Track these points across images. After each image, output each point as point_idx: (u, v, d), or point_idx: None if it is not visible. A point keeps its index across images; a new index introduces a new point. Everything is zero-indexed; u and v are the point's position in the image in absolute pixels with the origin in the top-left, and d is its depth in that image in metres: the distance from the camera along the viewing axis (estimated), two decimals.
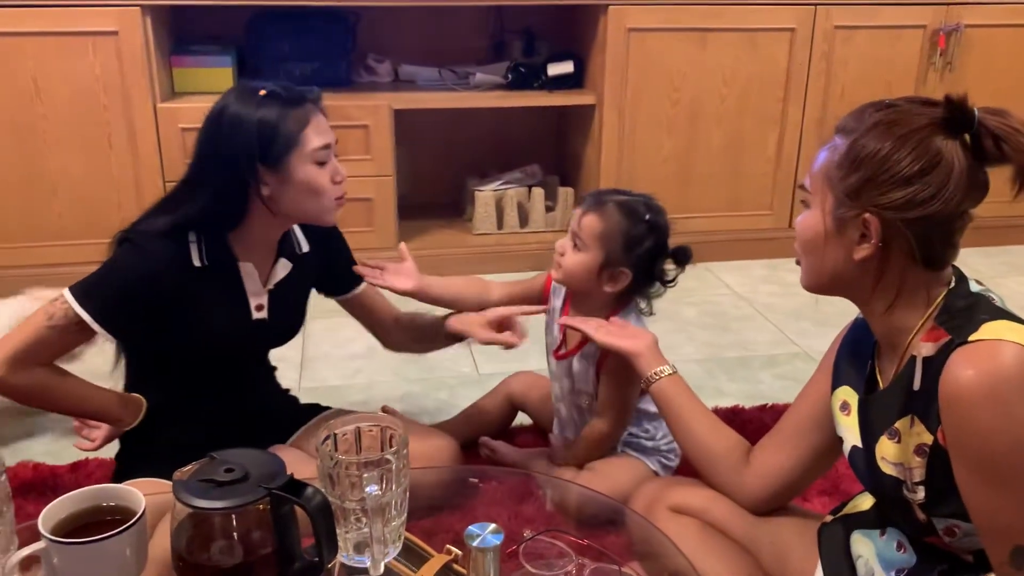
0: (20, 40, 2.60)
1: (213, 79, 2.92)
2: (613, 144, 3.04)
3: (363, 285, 1.71)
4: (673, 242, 1.65)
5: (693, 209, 3.13)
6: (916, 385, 1.06)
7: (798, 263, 1.15)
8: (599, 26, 2.95)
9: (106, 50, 2.65)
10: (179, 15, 2.97)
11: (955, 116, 1.02)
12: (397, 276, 1.67)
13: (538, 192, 3.17)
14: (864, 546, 1.19)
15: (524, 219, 3.20)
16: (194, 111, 2.75)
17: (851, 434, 1.18)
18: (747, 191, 3.19)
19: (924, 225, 1.03)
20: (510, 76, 3.13)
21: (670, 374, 1.44)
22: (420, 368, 2.40)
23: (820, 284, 1.13)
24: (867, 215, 1.04)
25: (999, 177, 1.05)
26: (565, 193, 3.19)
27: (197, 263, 1.44)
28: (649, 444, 1.73)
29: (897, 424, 1.09)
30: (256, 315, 1.54)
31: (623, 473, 1.65)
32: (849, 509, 1.28)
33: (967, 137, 1.03)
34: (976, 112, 1.02)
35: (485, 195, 3.15)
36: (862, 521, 1.22)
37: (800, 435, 1.29)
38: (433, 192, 3.36)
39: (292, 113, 1.40)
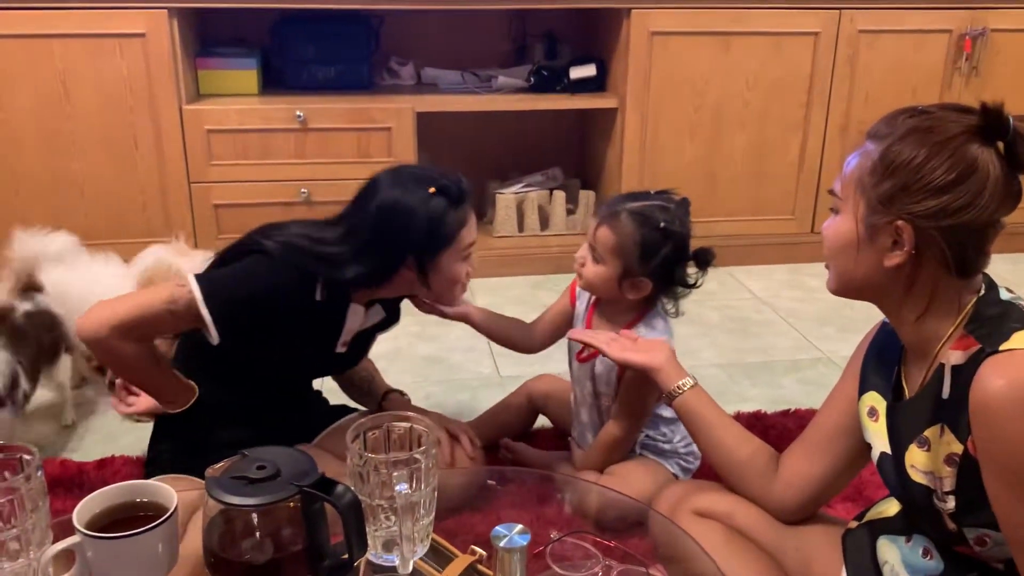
0: (48, 42, 2.64)
1: (238, 81, 2.95)
2: (635, 148, 3.04)
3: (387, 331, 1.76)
4: (695, 243, 1.64)
5: (715, 213, 3.12)
6: (945, 394, 1.05)
7: (827, 267, 1.15)
8: (622, 30, 2.95)
9: (133, 52, 2.68)
10: (205, 18, 3.00)
11: (990, 124, 1.01)
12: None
13: (559, 195, 3.18)
14: (890, 552, 1.18)
15: (545, 222, 3.20)
16: (218, 113, 2.79)
17: (879, 440, 1.17)
18: (770, 196, 3.18)
19: (958, 233, 1.02)
20: (532, 79, 3.13)
21: (692, 386, 1.42)
22: (442, 370, 2.41)
23: (849, 289, 1.13)
24: (900, 222, 1.03)
25: None
26: (586, 196, 3.19)
27: (317, 297, 1.48)
28: (667, 447, 1.73)
29: (927, 432, 1.08)
30: (339, 349, 1.60)
31: (644, 476, 1.65)
32: (874, 515, 1.27)
33: (1001, 145, 1.02)
34: (1011, 120, 1.01)
35: (506, 198, 3.15)
36: (888, 527, 1.21)
37: (829, 442, 1.28)
38: None
39: (456, 212, 1.47)
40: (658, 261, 1.57)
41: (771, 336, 2.66)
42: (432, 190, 1.45)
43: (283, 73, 3.05)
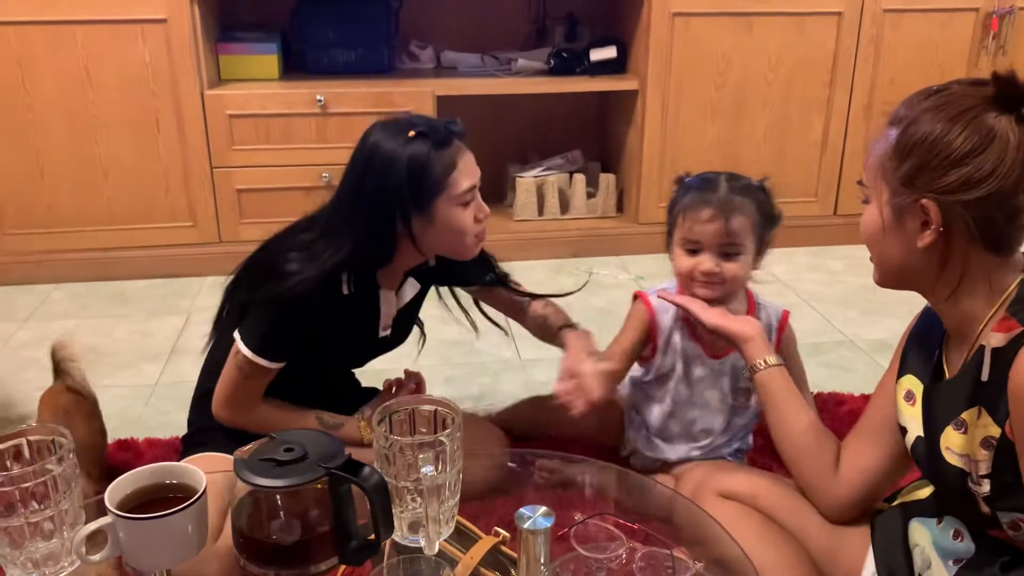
0: (72, 28, 2.65)
1: (258, 66, 2.95)
2: (656, 130, 3.02)
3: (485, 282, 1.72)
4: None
5: None
6: (984, 376, 1.03)
7: (872, 261, 1.14)
8: (643, 10, 2.93)
9: (155, 37, 2.69)
10: (225, 2, 3.01)
11: (1005, 92, 1.00)
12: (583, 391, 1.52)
13: (579, 178, 3.17)
14: (921, 535, 1.18)
15: (565, 205, 3.19)
16: (240, 98, 2.80)
17: (914, 424, 1.16)
18: (792, 178, 3.15)
19: (983, 206, 1.00)
20: (552, 62, 3.12)
21: (777, 364, 1.41)
22: (463, 353, 2.41)
23: (890, 279, 1.12)
24: (924, 201, 1.03)
25: None
26: (607, 179, 3.18)
27: (345, 291, 1.47)
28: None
29: (964, 415, 1.06)
30: (382, 334, 1.59)
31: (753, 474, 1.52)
32: (906, 496, 1.26)
33: (1022, 112, 1.00)
34: None
35: (526, 181, 3.15)
36: (921, 509, 1.20)
37: (878, 435, 1.25)
38: None
39: (441, 155, 1.40)
40: (773, 216, 1.57)
41: (794, 319, 2.60)
42: (412, 134, 1.39)
43: (303, 57, 3.05)
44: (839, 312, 2.69)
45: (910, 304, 1.20)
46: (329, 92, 2.81)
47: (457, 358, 2.39)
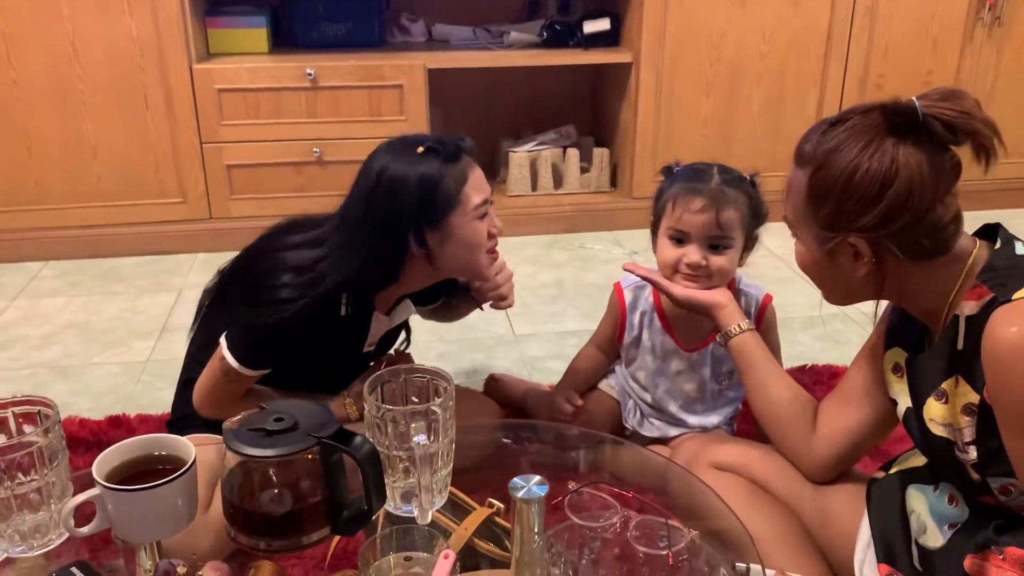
0: (58, 2, 2.61)
1: (247, 40, 2.92)
2: (650, 104, 3.00)
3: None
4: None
5: None
6: (960, 344, 1.04)
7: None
8: None
9: (142, 11, 2.65)
10: None
11: (895, 120, 1.02)
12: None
13: (573, 153, 3.14)
14: (918, 501, 1.18)
15: (559, 180, 3.17)
16: (229, 72, 2.77)
17: (904, 396, 1.17)
18: (787, 152, 3.03)
19: (908, 231, 1.04)
20: (545, 34, 3.08)
21: (749, 329, 1.43)
22: (457, 329, 2.40)
23: (838, 300, 1.17)
24: (851, 239, 1.06)
25: None
26: (600, 154, 3.16)
27: (342, 313, 1.44)
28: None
29: (944, 385, 1.07)
30: (366, 349, 1.57)
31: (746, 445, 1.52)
32: (902, 465, 1.26)
33: (916, 137, 1.02)
34: (919, 107, 1.01)
35: (519, 156, 3.12)
36: (917, 476, 1.20)
37: (861, 395, 1.27)
38: None
39: (452, 170, 1.38)
40: (760, 211, 1.56)
41: (787, 293, 2.63)
42: (420, 150, 1.37)
43: (293, 31, 3.02)
44: None
45: None
46: (319, 66, 2.78)
47: (450, 334, 2.38)
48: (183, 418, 1.58)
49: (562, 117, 3.30)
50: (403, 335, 1.73)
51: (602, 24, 3.04)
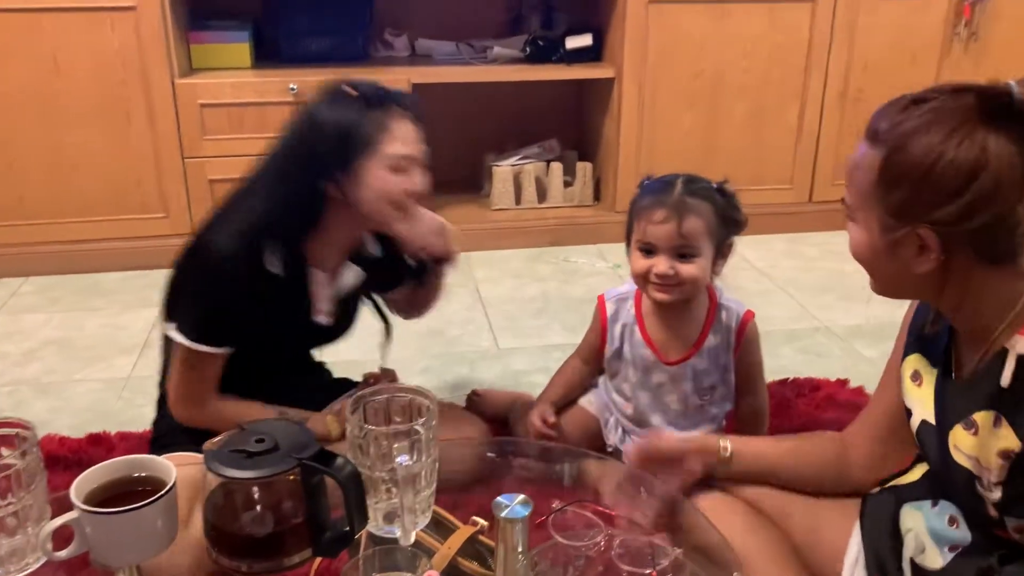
0: (39, 16, 2.60)
1: (230, 55, 2.91)
2: (633, 118, 3.02)
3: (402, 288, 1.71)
4: None
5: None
6: (1005, 381, 0.97)
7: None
8: None
9: (125, 26, 2.64)
10: None
11: (990, 106, 0.93)
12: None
13: (556, 167, 3.15)
14: (914, 519, 1.15)
15: (542, 194, 3.18)
16: (212, 87, 2.76)
17: (922, 407, 1.11)
18: (768, 165, 3.16)
19: (986, 229, 0.95)
20: (528, 49, 3.10)
21: (724, 453, 1.31)
22: (441, 343, 2.40)
23: (888, 292, 1.08)
24: (922, 231, 0.96)
25: None
26: (583, 168, 3.17)
27: (272, 269, 1.42)
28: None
29: (976, 416, 1.01)
30: (319, 320, 1.54)
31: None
32: (896, 480, 1.24)
33: (1012, 125, 0.93)
34: (1015, 92, 0.92)
35: (503, 170, 3.13)
36: (913, 493, 1.18)
37: (894, 424, 1.22)
38: (451, 167, 3.33)
39: (373, 115, 1.37)
40: (730, 216, 1.54)
41: (769, 306, 2.65)
42: (345, 93, 1.36)
43: (276, 46, 3.01)
44: (814, 298, 2.70)
45: None
46: (302, 80, 2.78)
47: (434, 348, 2.38)
48: (164, 435, 1.57)
49: (545, 131, 3.31)
50: (384, 330, 1.70)
51: (585, 40, 3.05)
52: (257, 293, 1.42)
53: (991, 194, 0.92)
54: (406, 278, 1.68)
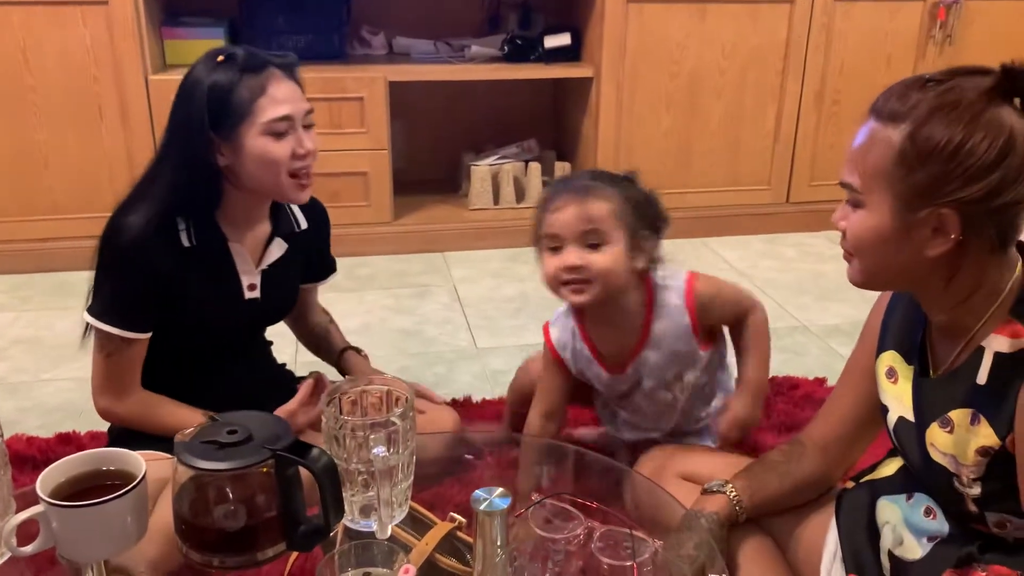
0: (7, 9, 2.55)
1: (205, 51, 2.87)
2: (611, 118, 3.01)
3: (325, 281, 1.71)
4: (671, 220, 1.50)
5: (692, 184, 3.11)
6: (982, 380, 0.98)
7: (848, 260, 1.04)
8: None
9: (96, 20, 2.60)
10: None
11: (1017, 85, 0.93)
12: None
13: (535, 167, 3.14)
14: (890, 512, 1.15)
15: (520, 194, 3.17)
16: None
17: (898, 404, 1.10)
18: (746, 166, 3.17)
19: (1009, 210, 0.93)
20: (506, 48, 3.09)
21: (733, 491, 1.24)
22: (418, 342, 2.38)
23: (878, 282, 1.05)
24: (944, 210, 0.94)
25: None
26: (562, 168, 3.16)
27: (186, 243, 1.40)
28: (702, 426, 1.64)
29: (952, 414, 1.01)
30: (248, 295, 1.50)
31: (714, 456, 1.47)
32: (872, 474, 1.24)
33: (1017, 101, 0.94)
34: None
35: (481, 170, 3.12)
36: (888, 487, 1.17)
37: (868, 424, 1.21)
38: (429, 167, 3.32)
39: (248, 80, 1.33)
40: (643, 203, 1.42)
41: None
42: (220, 59, 1.33)
43: (252, 43, 2.95)
44: (793, 298, 2.70)
45: (862, 290, 1.12)
46: None
47: (412, 348, 2.35)
48: (119, 437, 1.51)
49: (524, 131, 3.30)
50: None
51: (563, 39, 3.05)
52: (172, 271, 1.39)
53: (1019, 172, 0.92)
54: (319, 278, 1.68)
